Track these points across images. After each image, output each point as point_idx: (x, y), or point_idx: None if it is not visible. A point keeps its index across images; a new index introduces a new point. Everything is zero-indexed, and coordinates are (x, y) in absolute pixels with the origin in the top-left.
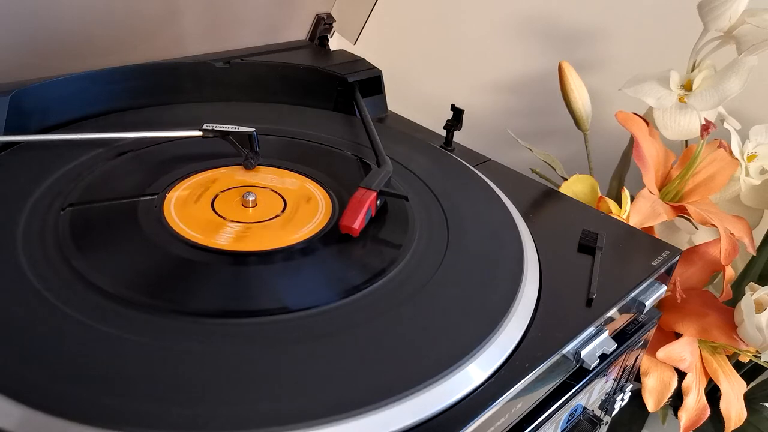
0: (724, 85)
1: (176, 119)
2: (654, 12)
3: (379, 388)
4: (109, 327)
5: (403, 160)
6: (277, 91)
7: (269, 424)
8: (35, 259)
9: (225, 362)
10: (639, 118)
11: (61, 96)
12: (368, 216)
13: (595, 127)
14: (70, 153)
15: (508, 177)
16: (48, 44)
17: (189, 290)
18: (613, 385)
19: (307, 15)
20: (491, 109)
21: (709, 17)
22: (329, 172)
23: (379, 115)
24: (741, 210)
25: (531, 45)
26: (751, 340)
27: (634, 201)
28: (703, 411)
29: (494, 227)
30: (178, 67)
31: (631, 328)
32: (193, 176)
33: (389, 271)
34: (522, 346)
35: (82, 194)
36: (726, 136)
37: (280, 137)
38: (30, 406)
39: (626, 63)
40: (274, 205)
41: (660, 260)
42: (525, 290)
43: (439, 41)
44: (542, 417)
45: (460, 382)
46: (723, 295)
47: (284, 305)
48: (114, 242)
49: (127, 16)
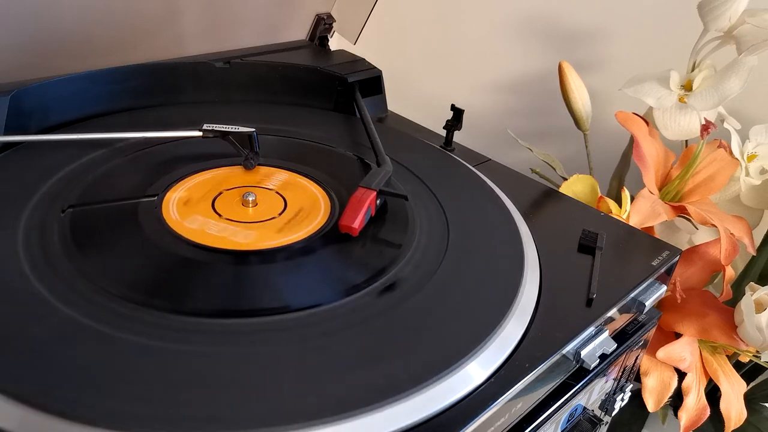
0: (724, 85)
1: (176, 119)
2: (654, 12)
3: (379, 388)
4: (109, 327)
5: (403, 160)
6: (277, 91)
7: (269, 424)
8: (36, 260)
9: (225, 362)
10: (639, 118)
11: (61, 96)
12: (368, 215)
13: (595, 127)
14: (70, 153)
15: (508, 177)
16: (48, 44)
17: (189, 290)
18: (613, 385)
19: (307, 15)
20: (491, 109)
21: (709, 17)
22: (329, 172)
23: (379, 115)
24: (741, 210)
25: (531, 45)
26: (751, 340)
27: (634, 201)
28: (703, 411)
29: (494, 227)
30: (178, 67)
31: (631, 328)
32: (193, 176)
33: (389, 271)
34: (522, 346)
35: (82, 195)
36: (726, 136)
37: (280, 137)
38: (30, 406)
39: (626, 63)
40: (274, 205)
41: (660, 260)
42: (525, 290)
43: (439, 41)
44: (542, 417)
45: (460, 381)
46: (723, 295)
47: (284, 305)
48: (114, 243)
49: (127, 16)
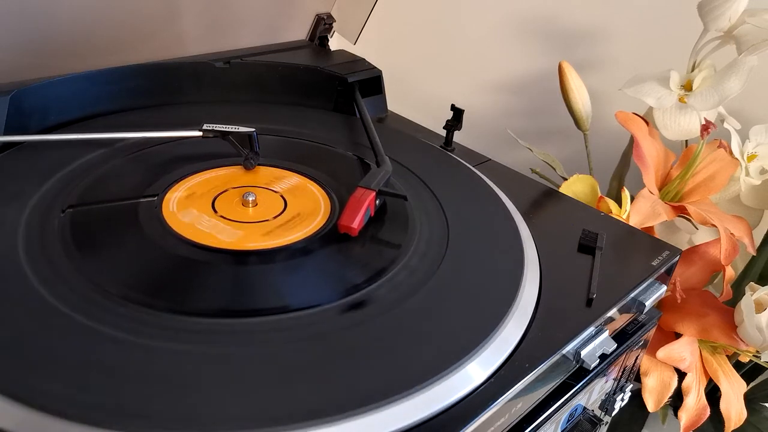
0: (724, 85)
1: (176, 119)
2: (654, 12)
3: (379, 388)
4: (109, 327)
5: (403, 160)
6: (277, 91)
7: (269, 424)
8: (36, 260)
9: (225, 362)
10: (639, 118)
11: (61, 96)
12: (367, 216)
13: (595, 127)
14: (70, 153)
15: (508, 177)
16: (48, 44)
17: (189, 290)
18: (613, 385)
19: (307, 15)
20: (491, 109)
21: (709, 17)
22: (329, 172)
23: (379, 115)
24: (741, 210)
25: (531, 45)
26: (751, 340)
27: (634, 201)
28: (703, 411)
29: (494, 227)
30: (178, 67)
31: (631, 328)
32: (193, 176)
33: (389, 271)
34: (522, 346)
35: (82, 195)
36: (726, 136)
37: (280, 137)
38: (30, 406)
39: (626, 63)
40: (274, 205)
41: (660, 260)
42: (525, 290)
43: (439, 41)
44: (542, 417)
45: (460, 382)
46: (723, 295)
47: (284, 305)
48: (115, 243)
49: (127, 16)
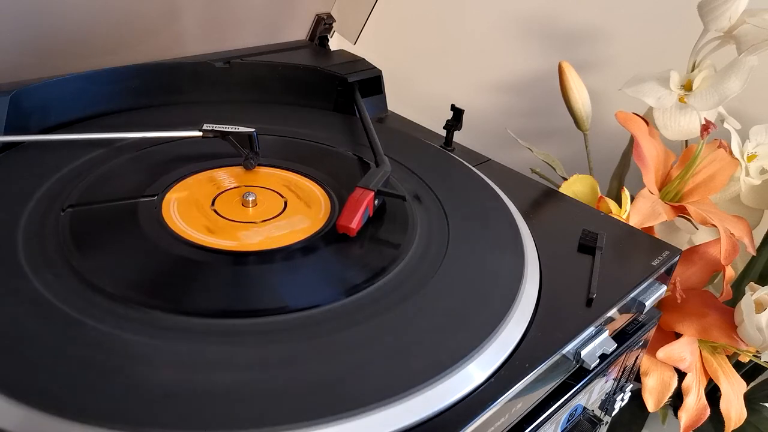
0: (724, 85)
1: (176, 119)
2: (654, 12)
3: (379, 388)
4: (109, 327)
5: (403, 160)
6: (277, 91)
7: (269, 424)
8: (35, 260)
9: (225, 362)
10: (639, 118)
11: (61, 96)
12: (366, 216)
13: (595, 127)
14: (70, 153)
15: (508, 177)
16: (48, 44)
17: (189, 290)
18: (613, 385)
19: (307, 15)
20: (491, 109)
21: (709, 17)
22: (329, 172)
23: (379, 115)
24: (741, 210)
25: (531, 45)
26: (751, 340)
27: (634, 201)
28: (703, 411)
29: (494, 227)
30: (178, 67)
31: (631, 328)
32: (193, 176)
33: (389, 271)
34: (522, 346)
35: (82, 195)
36: (726, 136)
37: (280, 137)
38: (30, 406)
39: (626, 63)
40: (273, 205)
41: (660, 260)
42: (525, 290)
43: (439, 41)
44: (542, 417)
45: (460, 382)
46: (723, 295)
47: (283, 305)
48: (114, 243)
49: (127, 16)
